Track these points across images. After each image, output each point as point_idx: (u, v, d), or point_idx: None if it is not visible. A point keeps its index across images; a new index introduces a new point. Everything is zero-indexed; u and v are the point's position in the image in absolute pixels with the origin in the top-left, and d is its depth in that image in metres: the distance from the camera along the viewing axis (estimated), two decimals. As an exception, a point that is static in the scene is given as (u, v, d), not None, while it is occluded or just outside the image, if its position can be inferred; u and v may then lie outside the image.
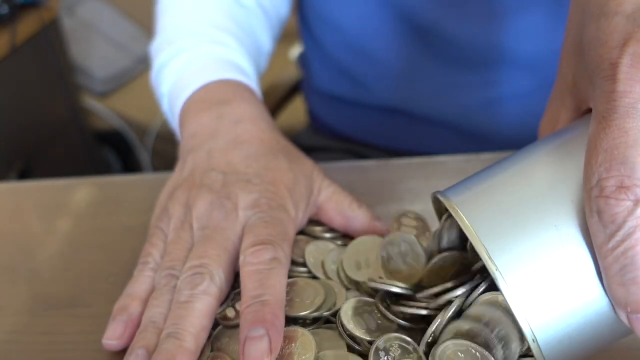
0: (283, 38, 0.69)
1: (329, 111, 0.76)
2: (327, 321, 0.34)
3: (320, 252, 0.38)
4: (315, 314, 0.33)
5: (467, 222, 0.27)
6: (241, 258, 0.33)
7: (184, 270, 0.33)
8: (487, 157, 0.53)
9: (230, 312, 0.34)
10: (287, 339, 0.31)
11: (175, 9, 0.58)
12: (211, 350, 0.32)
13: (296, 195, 0.39)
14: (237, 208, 0.36)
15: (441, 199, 0.29)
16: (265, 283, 0.31)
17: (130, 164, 1.77)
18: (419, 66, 0.66)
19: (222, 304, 0.34)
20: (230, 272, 0.34)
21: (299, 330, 0.31)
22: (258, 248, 0.33)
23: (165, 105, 0.53)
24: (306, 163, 0.42)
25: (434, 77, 0.66)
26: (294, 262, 0.37)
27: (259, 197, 0.37)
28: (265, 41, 0.62)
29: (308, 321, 0.33)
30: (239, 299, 0.34)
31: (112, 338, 0.33)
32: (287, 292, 0.34)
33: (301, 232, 0.43)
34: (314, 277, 0.36)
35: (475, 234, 0.26)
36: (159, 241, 0.37)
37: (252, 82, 0.50)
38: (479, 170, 0.30)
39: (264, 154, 0.40)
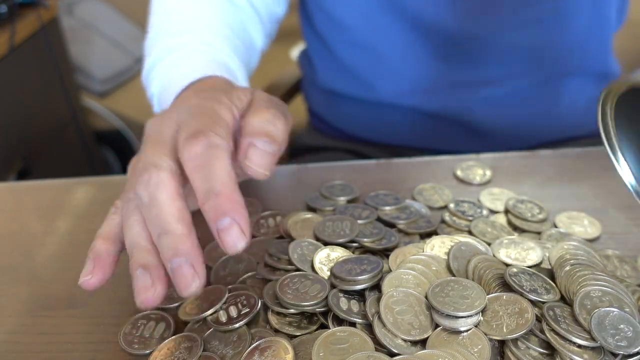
0: (283, 38, 0.69)
1: (332, 108, 0.76)
2: (322, 325, 0.34)
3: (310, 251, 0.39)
4: (315, 307, 0.33)
5: None
6: (180, 157, 0.33)
7: (136, 183, 0.33)
8: (486, 157, 0.53)
9: (223, 317, 0.34)
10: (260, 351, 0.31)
11: (166, 5, 0.58)
12: (203, 350, 0.32)
13: (232, 93, 0.38)
14: (171, 112, 0.36)
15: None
16: (210, 174, 0.31)
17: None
18: (423, 63, 0.66)
19: (215, 305, 0.34)
20: (177, 158, 0.34)
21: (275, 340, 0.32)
22: (189, 141, 0.32)
23: (156, 106, 0.54)
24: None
25: (438, 74, 0.66)
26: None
27: (189, 95, 0.37)
28: (257, 38, 0.63)
29: (303, 324, 0.34)
30: (232, 302, 0.35)
31: (84, 275, 0.33)
32: (295, 284, 0.34)
33: (312, 210, 0.45)
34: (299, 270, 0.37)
35: None
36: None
37: (240, 82, 0.51)
38: None
39: None
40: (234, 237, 0.30)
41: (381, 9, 0.64)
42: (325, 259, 0.38)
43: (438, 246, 0.39)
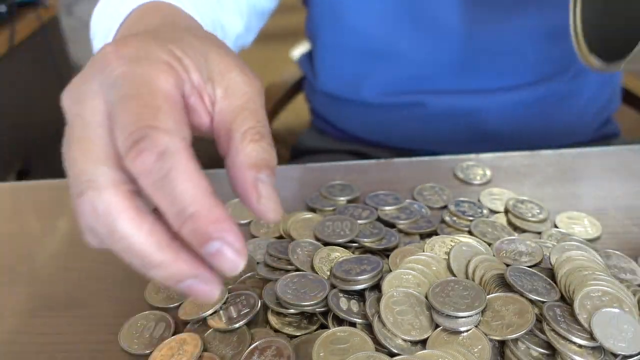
0: (283, 38, 0.68)
1: (335, 110, 0.76)
2: (322, 325, 0.34)
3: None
4: (315, 307, 0.33)
5: None
6: (128, 166, 0.25)
7: (76, 212, 0.26)
8: (486, 157, 0.53)
9: (223, 317, 0.34)
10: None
11: None
12: (203, 350, 0.32)
13: (177, 42, 0.28)
14: (91, 81, 0.28)
15: None
16: (173, 192, 0.24)
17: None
18: (437, 70, 0.66)
19: (215, 305, 0.34)
20: (117, 161, 0.26)
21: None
22: (132, 152, 0.24)
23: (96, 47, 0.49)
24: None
25: (452, 79, 0.67)
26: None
27: (105, 52, 0.27)
28: (235, 24, 0.58)
29: (303, 324, 0.34)
30: (232, 303, 0.35)
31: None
32: (294, 283, 0.34)
33: (312, 210, 0.44)
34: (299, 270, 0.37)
35: None
36: None
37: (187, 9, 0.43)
38: None
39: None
40: (229, 261, 0.24)
41: (399, 16, 0.64)
42: (325, 259, 0.38)
43: (438, 246, 0.39)
